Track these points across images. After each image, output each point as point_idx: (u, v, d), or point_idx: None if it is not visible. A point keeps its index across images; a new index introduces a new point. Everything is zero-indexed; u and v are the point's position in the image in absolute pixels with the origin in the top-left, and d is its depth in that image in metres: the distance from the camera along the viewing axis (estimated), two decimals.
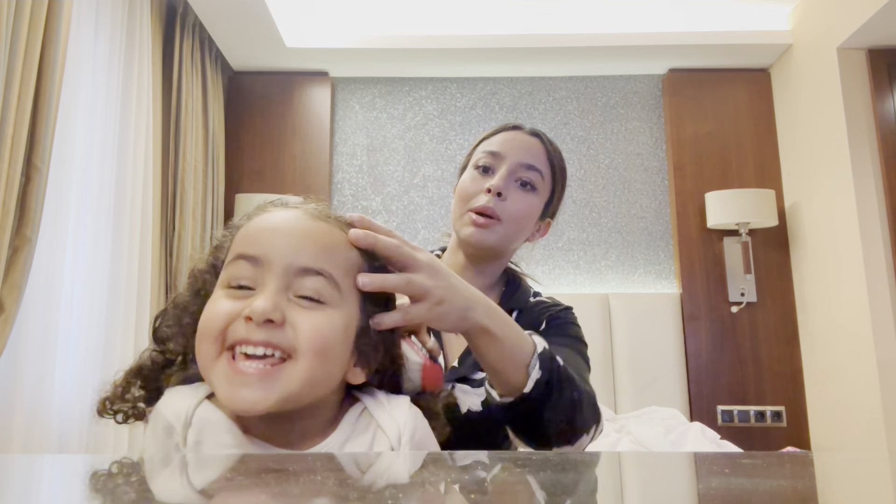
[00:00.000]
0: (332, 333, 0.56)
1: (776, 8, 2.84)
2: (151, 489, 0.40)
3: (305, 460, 0.48)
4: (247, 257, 0.56)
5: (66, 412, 1.86)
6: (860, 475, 0.46)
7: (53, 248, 1.80)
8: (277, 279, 0.55)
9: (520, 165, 0.95)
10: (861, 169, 2.44)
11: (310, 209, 0.61)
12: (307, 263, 0.56)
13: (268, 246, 0.56)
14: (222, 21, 2.65)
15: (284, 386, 0.53)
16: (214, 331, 0.54)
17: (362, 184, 3.11)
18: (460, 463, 0.48)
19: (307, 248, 0.57)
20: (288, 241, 0.57)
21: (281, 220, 0.59)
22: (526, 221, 0.96)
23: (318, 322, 0.55)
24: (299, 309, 0.55)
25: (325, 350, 0.55)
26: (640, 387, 2.73)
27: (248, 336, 0.53)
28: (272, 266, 0.55)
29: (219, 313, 0.55)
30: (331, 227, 0.60)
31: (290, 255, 0.56)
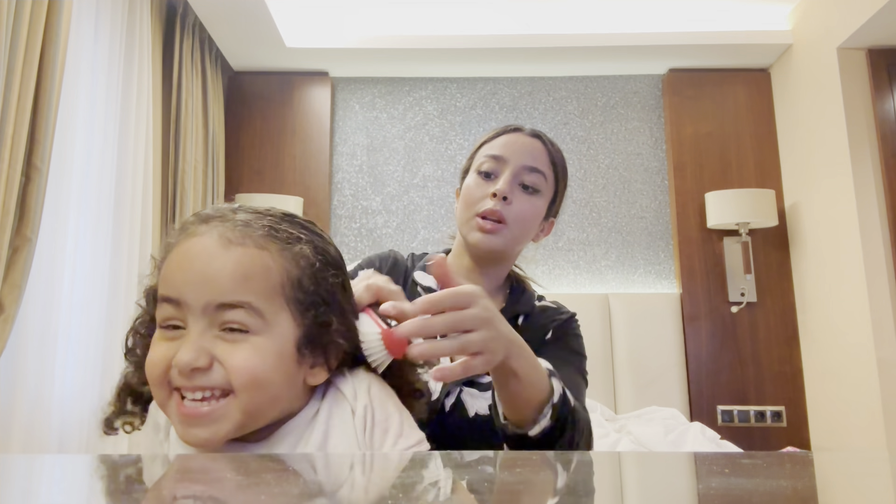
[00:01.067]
0: (261, 363, 0.56)
1: (776, 8, 2.84)
2: (152, 489, 0.40)
3: (305, 460, 0.48)
4: (167, 300, 0.57)
5: (66, 412, 1.86)
6: (860, 475, 0.46)
7: (53, 248, 1.80)
8: (198, 320, 0.55)
9: (523, 168, 0.95)
10: (861, 169, 2.44)
11: (231, 230, 0.58)
12: (224, 298, 0.55)
13: (183, 286, 0.56)
14: (222, 21, 2.65)
15: (230, 421, 0.55)
16: (157, 378, 0.56)
17: (362, 184, 3.11)
18: (460, 462, 0.48)
19: (222, 282, 0.55)
20: (202, 278, 0.56)
21: (193, 254, 0.57)
22: (531, 223, 0.97)
23: (245, 356, 0.55)
24: (225, 344, 0.55)
25: (258, 382, 0.55)
26: (640, 387, 2.73)
27: (183, 384, 0.55)
28: (190, 307, 0.55)
29: (157, 361, 0.56)
30: (246, 249, 0.57)
31: (206, 294, 0.55)
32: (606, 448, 2.07)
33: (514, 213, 0.93)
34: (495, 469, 0.45)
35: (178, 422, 0.55)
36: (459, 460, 0.48)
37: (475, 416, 0.88)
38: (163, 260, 0.60)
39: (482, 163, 0.97)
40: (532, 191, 0.95)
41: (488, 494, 0.37)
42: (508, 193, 0.93)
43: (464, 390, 0.90)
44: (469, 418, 0.88)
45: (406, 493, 0.37)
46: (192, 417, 0.54)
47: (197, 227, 0.59)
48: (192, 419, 0.54)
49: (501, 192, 0.92)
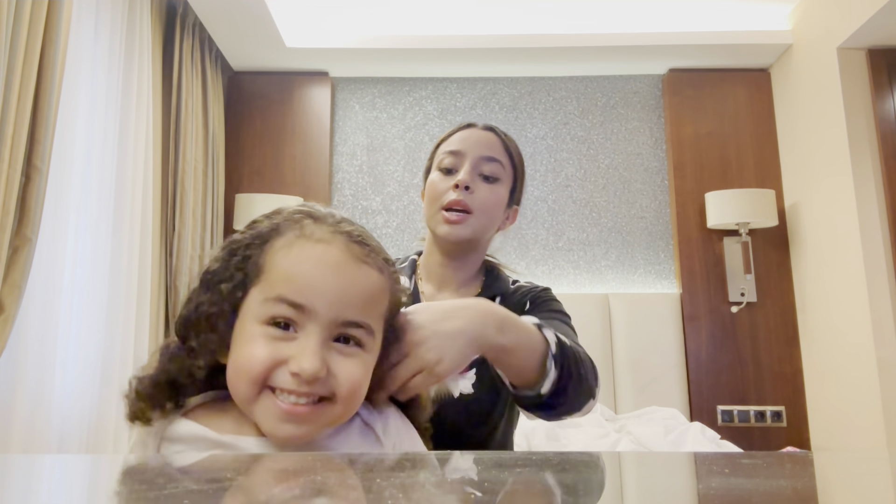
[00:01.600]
0: (365, 379, 0.59)
1: (776, 8, 2.84)
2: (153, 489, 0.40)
3: (305, 460, 0.48)
4: (291, 303, 0.56)
5: (66, 412, 1.86)
6: (860, 475, 0.46)
7: (53, 248, 1.80)
8: (322, 331, 0.56)
9: (481, 159, 1.00)
10: (861, 169, 2.44)
11: (353, 243, 0.59)
12: (352, 317, 0.57)
13: (314, 295, 0.56)
14: (222, 21, 2.65)
15: (324, 423, 0.57)
16: (256, 375, 0.55)
17: (362, 184, 3.11)
18: (460, 463, 0.48)
19: (353, 300, 0.57)
20: (336, 292, 0.57)
21: (328, 264, 0.57)
22: (495, 210, 1.01)
23: (355, 371, 0.58)
24: (339, 356, 0.57)
25: (359, 395, 0.59)
26: (640, 387, 2.73)
27: (293, 388, 0.55)
28: (317, 317, 0.56)
29: (260, 359, 0.55)
30: (370, 269, 0.60)
31: (338, 309, 0.57)
32: (606, 448, 2.07)
33: (477, 202, 0.98)
34: (495, 469, 0.45)
35: (270, 417, 0.55)
36: (459, 460, 0.48)
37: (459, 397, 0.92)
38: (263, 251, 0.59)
39: (442, 160, 1.02)
40: (492, 179, 1.00)
41: (488, 494, 0.37)
42: (470, 183, 0.97)
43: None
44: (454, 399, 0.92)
45: (406, 493, 0.37)
46: (291, 415, 0.54)
47: (311, 226, 0.59)
48: (291, 416, 0.55)
49: (463, 182, 0.97)
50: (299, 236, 0.59)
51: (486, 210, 0.99)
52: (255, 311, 0.57)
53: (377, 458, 0.54)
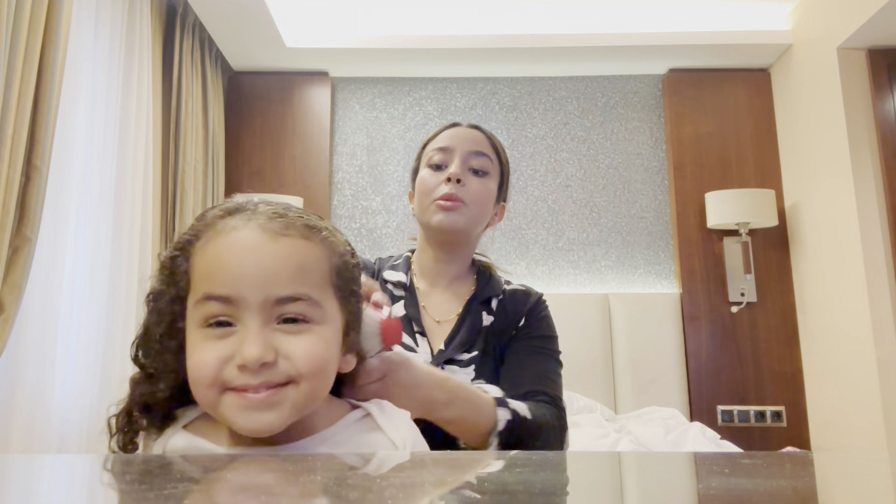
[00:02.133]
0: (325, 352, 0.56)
1: (776, 8, 2.84)
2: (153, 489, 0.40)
3: (305, 460, 0.48)
4: (216, 298, 0.54)
5: (66, 412, 1.86)
6: (860, 475, 0.46)
7: (53, 248, 1.80)
8: (257, 316, 0.54)
9: (469, 154, 1.02)
10: (861, 169, 2.44)
11: (269, 221, 0.57)
12: (284, 292, 0.55)
13: (237, 282, 0.54)
14: (222, 21, 2.65)
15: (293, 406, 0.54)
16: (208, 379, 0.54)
17: (362, 184, 3.11)
18: (460, 463, 0.48)
19: (279, 276, 0.55)
20: (257, 273, 0.54)
21: (243, 247, 0.55)
22: (486, 203, 1.03)
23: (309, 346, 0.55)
24: (286, 336, 0.55)
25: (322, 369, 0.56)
26: (640, 387, 2.73)
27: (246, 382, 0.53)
28: (248, 303, 0.54)
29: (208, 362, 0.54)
30: (292, 240, 0.57)
31: (265, 289, 0.54)
32: (606, 448, 2.07)
33: (469, 194, 0.99)
34: (495, 469, 0.45)
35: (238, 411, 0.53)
36: (459, 460, 0.48)
37: None
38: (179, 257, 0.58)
39: (431, 157, 1.03)
40: (482, 173, 1.02)
41: (488, 494, 0.37)
42: (461, 176, 0.99)
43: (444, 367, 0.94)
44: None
45: (406, 493, 0.37)
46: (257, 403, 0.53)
47: (227, 220, 0.57)
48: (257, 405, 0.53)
49: (455, 175, 0.99)
50: (215, 233, 0.57)
51: (477, 202, 1.00)
52: (192, 319, 0.56)
53: (377, 457, 0.54)
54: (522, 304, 1.02)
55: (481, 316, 1.00)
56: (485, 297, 1.02)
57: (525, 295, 1.04)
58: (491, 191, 1.03)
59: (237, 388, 0.53)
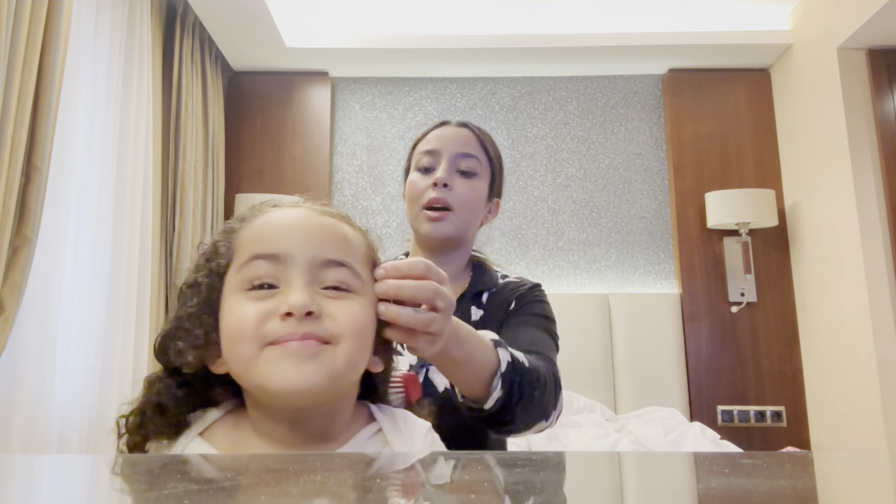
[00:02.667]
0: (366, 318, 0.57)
1: (776, 8, 2.84)
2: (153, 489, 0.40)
3: (305, 460, 0.48)
4: (266, 256, 0.55)
5: (66, 412, 1.86)
6: (860, 475, 0.46)
7: (53, 248, 1.80)
8: (303, 273, 0.55)
9: (457, 156, 1.01)
10: (861, 169, 2.44)
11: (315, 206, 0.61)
12: (330, 255, 0.57)
13: (287, 242, 0.56)
14: (222, 21, 2.65)
15: (332, 364, 0.53)
16: (249, 329, 0.53)
17: (362, 184, 3.11)
18: (460, 463, 0.48)
19: (326, 241, 0.57)
20: (306, 235, 0.57)
21: (291, 217, 0.59)
22: (476, 205, 1.02)
23: (352, 309, 0.56)
24: (329, 300, 0.55)
25: (363, 333, 0.56)
26: (640, 387, 2.73)
27: (289, 332, 0.52)
28: (295, 261, 0.55)
29: (249, 314, 0.53)
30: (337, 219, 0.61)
31: (313, 249, 0.56)
32: (606, 448, 2.07)
33: (457, 198, 0.99)
34: (496, 469, 0.45)
35: (278, 363, 0.52)
36: (458, 460, 0.48)
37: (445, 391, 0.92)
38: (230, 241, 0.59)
39: (419, 160, 1.03)
40: (470, 174, 1.01)
41: (489, 494, 0.37)
42: (448, 180, 0.99)
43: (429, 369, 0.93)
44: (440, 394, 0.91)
45: (406, 493, 0.37)
46: (301, 351, 0.52)
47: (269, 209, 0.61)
48: (301, 353, 0.52)
49: (441, 180, 0.98)
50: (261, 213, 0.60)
51: (466, 205, 1.00)
52: (234, 285, 0.56)
53: (377, 457, 0.54)
54: (513, 292, 1.02)
55: (470, 311, 0.99)
56: (475, 292, 1.01)
57: (518, 284, 1.04)
58: (480, 191, 1.02)
59: (278, 341, 0.52)
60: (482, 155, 1.03)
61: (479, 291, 1.01)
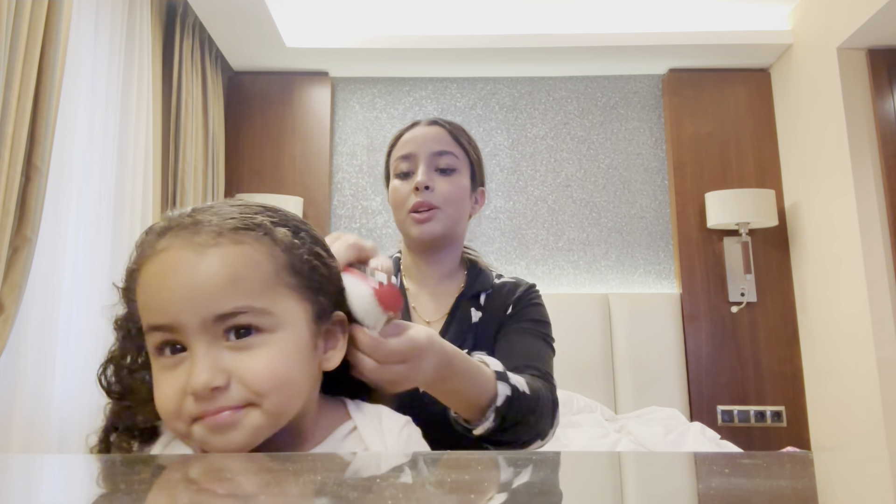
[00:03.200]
0: (283, 362, 0.53)
1: (776, 8, 2.84)
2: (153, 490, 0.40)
3: (305, 460, 0.48)
4: (158, 328, 0.52)
5: (66, 412, 1.86)
6: (860, 475, 0.46)
7: (53, 248, 1.80)
8: (199, 338, 0.51)
9: (432, 155, 1.00)
10: (861, 169, 2.44)
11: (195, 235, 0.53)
12: (221, 309, 0.51)
13: (171, 309, 0.51)
14: (222, 21, 2.65)
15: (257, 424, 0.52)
16: (172, 412, 0.52)
17: (362, 184, 3.11)
18: (459, 463, 0.48)
19: (213, 292, 0.51)
20: (189, 294, 0.51)
21: (168, 270, 0.52)
22: (460, 200, 1.02)
23: (263, 363, 0.52)
24: (237, 355, 0.52)
25: (282, 384, 0.53)
26: (640, 387, 2.73)
27: (204, 409, 0.51)
28: (188, 328, 0.51)
29: (170, 395, 0.52)
30: (222, 249, 0.53)
31: (202, 308, 0.51)
32: (606, 448, 2.07)
33: (440, 197, 0.99)
34: (495, 469, 0.45)
35: (208, 436, 0.51)
36: (458, 460, 0.48)
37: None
38: (129, 288, 0.56)
39: (396, 166, 1.03)
40: (449, 171, 1.01)
41: (489, 494, 0.37)
42: (428, 182, 0.98)
43: None
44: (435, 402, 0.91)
45: (406, 493, 0.37)
46: (220, 424, 0.51)
47: (157, 242, 0.54)
48: (221, 426, 0.51)
49: (422, 183, 0.98)
50: (147, 259, 0.54)
51: (450, 202, 0.99)
52: (149, 348, 0.55)
53: (377, 458, 0.54)
54: (510, 294, 1.02)
55: (470, 313, 1.00)
56: (473, 293, 1.02)
57: (514, 286, 1.04)
58: (462, 186, 1.02)
59: (199, 417, 0.51)
60: (458, 149, 1.03)
61: (476, 293, 1.02)
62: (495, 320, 0.99)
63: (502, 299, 1.01)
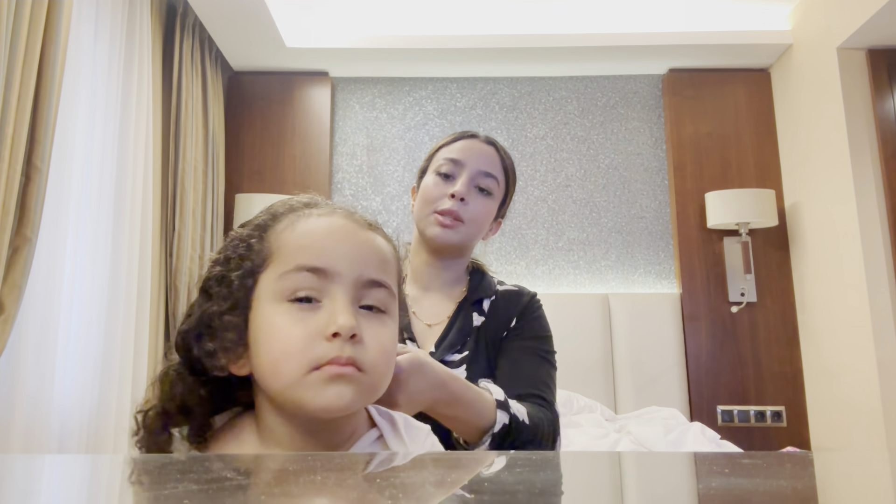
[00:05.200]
0: (393, 345, 0.58)
1: (776, 8, 2.84)
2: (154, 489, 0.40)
3: (305, 460, 0.48)
4: (312, 269, 0.55)
5: (66, 412, 1.86)
6: (860, 475, 0.46)
7: (53, 248, 1.80)
8: (348, 292, 0.55)
9: (479, 173, 1.02)
10: (861, 169, 2.44)
11: (354, 216, 0.61)
12: (374, 276, 0.57)
13: (334, 257, 0.56)
14: (222, 21, 2.65)
15: (365, 390, 0.55)
16: (297, 353, 0.53)
17: (362, 184, 3.11)
18: (460, 463, 0.48)
19: (370, 259, 0.57)
20: (354, 252, 0.57)
21: (337, 229, 0.58)
22: (484, 222, 1.05)
23: (384, 338, 0.57)
24: (366, 323, 0.56)
25: (390, 361, 0.58)
26: (640, 387, 2.73)
27: (335, 355, 0.53)
28: (342, 278, 0.55)
29: (296, 336, 0.53)
30: (377, 234, 0.61)
31: (359, 267, 0.56)
32: (606, 448, 2.07)
33: (470, 213, 1.01)
34: (496, 469, 0.45)
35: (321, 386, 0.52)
36: (459, 460, 0.48)
37: None
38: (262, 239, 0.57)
39: (441, 164, 1.04)
40: (486, 193, 1.03)
41: (489, 494, 0.37)
42: (465, 195, 1.00)
43: None
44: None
45: (406, 493, 0.37)
46: (344, 375, 0.53)
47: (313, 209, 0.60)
48: (343, 376, 0.53)
49: (459, 194, 1.00)
50: (300, 216, 0.59)
51: (476, 222, 1.02)
52: (273, 291, 0.55)
53: (377, 457, 0.54)
54: (514, 305, 1.04)
55: (472, 317, 1.01)
56: (476, 299, 1.03)
57: (517, 295, 1.05)
58: (491, 210, 1.04)
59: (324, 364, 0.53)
60: (501, 176, 1.05)
61: (479, 298, 1.03)
62: (499, 328, 1.01)
63: (506, 308, 1.03)
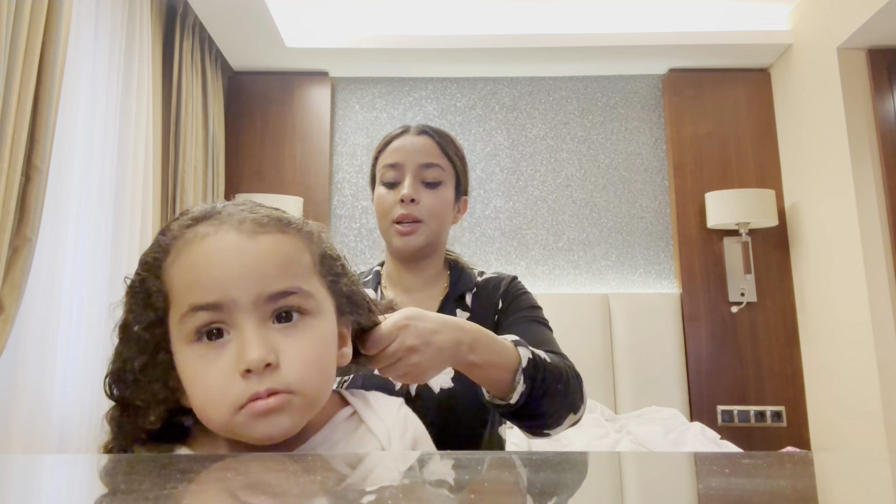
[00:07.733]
0: (323, 353, 0.55)
1: (776, 8, 2.84)
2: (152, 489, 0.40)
3: (305, 460, 0.48)
4: (206, 307, 0.51)
5: (66, 412, 1.86)
6: (860, 475, 0.46)
7: (53, 248, 1.80)
8: (251, 316, 0.51)
9: (420, 167, 1.01)
10: (861, 169, 2.44)
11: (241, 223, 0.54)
12: (275, 287, 0.52)
13: (226, 286, 0.51)
14: (222, 21, 2.65)
15: (301, 409, 0.53)
16: (217, 396, 0.51)
17: (362, 184, 3.11)
18: (460, 463, 0.48)
19: (267, 270, 0.52)
20: (245, 272, 0.51)
21: (225, 250, 0.52)
22: (444, 213, 1.03)
23: (308, 345, 0.53)
24: (284, 337, 0.52)
25: (321, 369, 0.54)
26: (640, 387, 2.73)
27: (254, 392, 0.50)
28: (239, 305, 0.51)
29: (213, 381, 0.51)
30: (269, 235, 0.54)
31: (255, 286, 0.51)
32: (606, 448, 2.07)
33: (425, 210, 1.00)
34: (496, 469, 0.45)
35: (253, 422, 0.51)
36: (458, 460, 0.48)
37: (440, 391, 0.94)
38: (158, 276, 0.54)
39: (383, 174, 1.03)
40: (435, 184, 1.02)
41: (489, 494, 0.37)
42: (414, 195, 0.99)
43: None
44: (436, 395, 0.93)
45: (406, 493, 0.37)
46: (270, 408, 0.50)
47: (196, 229, 0.54)
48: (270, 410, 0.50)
49: (408, 196, 0.99)
50: (186, 243, 0.54)
51: (435, 215, 1.01)
52: (180, 336, 0.53)
53: (376, 457, 0.54)
54: (497, 289, 1.04)
55: (455, 314, 1.00)
56: (458, 294, 1.03)
57: (498, 280, 1.06)
58: (446, 199, 1.02)
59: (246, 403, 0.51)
60: (445, 161, 1.03)
61: (461, 294, 1.03)
62: (487, 318, 1.00)
63: (489, 296, 1.03)
